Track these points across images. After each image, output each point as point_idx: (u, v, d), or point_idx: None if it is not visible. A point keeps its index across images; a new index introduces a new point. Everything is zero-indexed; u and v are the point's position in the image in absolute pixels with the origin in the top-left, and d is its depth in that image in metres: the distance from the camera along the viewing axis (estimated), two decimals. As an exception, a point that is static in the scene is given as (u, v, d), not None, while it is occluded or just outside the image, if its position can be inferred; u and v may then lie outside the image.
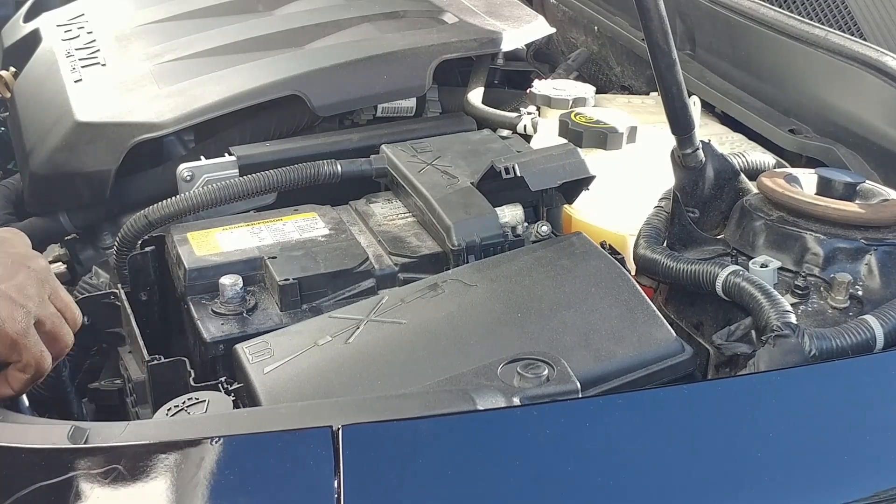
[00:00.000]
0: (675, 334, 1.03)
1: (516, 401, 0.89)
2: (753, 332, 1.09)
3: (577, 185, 1.28)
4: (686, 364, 1.02)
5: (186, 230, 1.27)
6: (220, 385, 1.04)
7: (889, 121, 1.41)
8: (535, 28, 1.79)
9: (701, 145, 1.25)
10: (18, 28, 2.04)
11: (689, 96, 1.22)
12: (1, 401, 0.93)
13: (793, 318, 1.04)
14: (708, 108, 1.73)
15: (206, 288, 1.18)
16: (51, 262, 1.76)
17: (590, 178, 1.26)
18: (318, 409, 0.89)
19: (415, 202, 1.30)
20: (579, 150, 1.29)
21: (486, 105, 1.66)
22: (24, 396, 1.17)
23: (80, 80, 1.66)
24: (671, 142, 1.25)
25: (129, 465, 0.81)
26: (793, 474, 0.88)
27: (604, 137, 1.47)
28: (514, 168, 1.23)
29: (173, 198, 1.28)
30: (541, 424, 0.86)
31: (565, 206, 1.36)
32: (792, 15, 1.60)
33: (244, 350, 1.05)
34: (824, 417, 0.93)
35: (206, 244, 1.23)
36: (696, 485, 0.86)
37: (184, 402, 0.99)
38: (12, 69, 1.84)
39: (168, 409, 0.99)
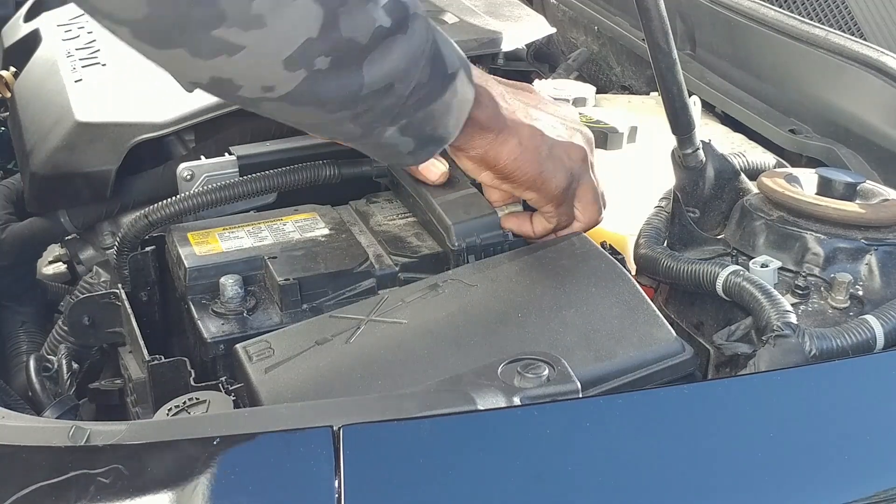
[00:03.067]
0: (675, 334, 1.03)
1: (517, 401, 0.89)
2: (754, 332, 1.09)
3: None
4: (686, 364, 1.02)
5: (186, 230, 1.26)
6: (220, 385, 1.04)
7: (889, 121, 1.41)
8: (536, 28, 1.79)
9: (701, 145, 1.25)
10: (18, 28, 2.03)
11: (690, 96, 1.22)
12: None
13: (793, 318, 1.03)
14: (708, 108, 1.73)
15: (207, 288, 1.18)
16: (50, 263, 1.76)
17: None
18: (318, 409, 0.88)
19: (415, 202, 1.30)
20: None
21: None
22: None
23: (81, 80, 1.66)
24: (671, 142, 1.25)
25: (129, 465, 0.81)
26: (793, 474, 0.88)
27: (604, 137, 1.46)
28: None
29: (173, 198, 1.28)
30: (541, 424, 0.86)
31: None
32: (792, 15, 1.60)
33: (244, 350, 1.05)
34: (824, 417, 0.93)
35: (206, 244, 1.23)
36: (696, 485, 0.86)
37: (184, 402, 0.99)
38: (12, 69, 1.84)
39: (168, 409, 0.99)
